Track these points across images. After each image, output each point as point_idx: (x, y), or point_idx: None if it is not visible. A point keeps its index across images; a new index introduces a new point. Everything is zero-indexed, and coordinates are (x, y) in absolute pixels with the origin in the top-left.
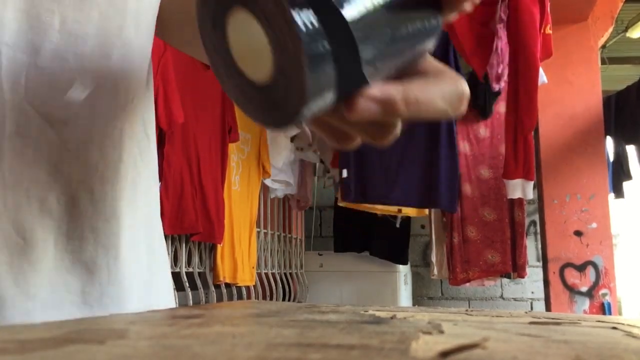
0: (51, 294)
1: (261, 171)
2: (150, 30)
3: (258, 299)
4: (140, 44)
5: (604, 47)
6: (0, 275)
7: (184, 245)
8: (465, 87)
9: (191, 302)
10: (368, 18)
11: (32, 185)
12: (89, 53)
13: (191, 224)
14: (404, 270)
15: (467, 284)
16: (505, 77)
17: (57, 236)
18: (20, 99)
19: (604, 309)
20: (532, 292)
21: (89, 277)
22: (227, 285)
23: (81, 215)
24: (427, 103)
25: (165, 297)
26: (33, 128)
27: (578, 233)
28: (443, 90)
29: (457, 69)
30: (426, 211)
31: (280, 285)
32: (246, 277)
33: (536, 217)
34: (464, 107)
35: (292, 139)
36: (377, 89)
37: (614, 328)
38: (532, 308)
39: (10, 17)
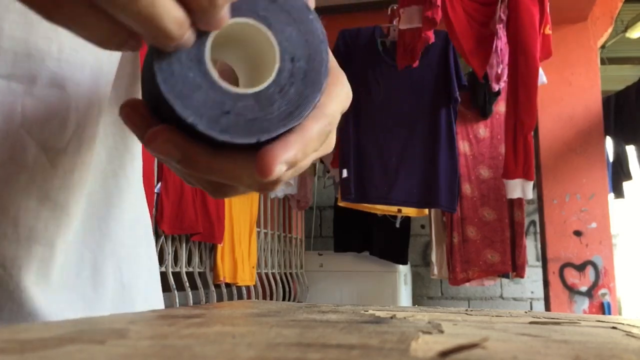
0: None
1: None
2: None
3: (258, 299)
4: (130, 71)
5: (603, 47)
6: None
7: (184, 245)
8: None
9: (191, 302)
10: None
11: (20, 214)
12: (85, 80)
13: (191, 224)
14: (403, 270)
15: (467, 284)
16: (504, 77)
17: (40, 264)
18: (17, 127)
19: (604, 308)
20: (532, 292)
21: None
22: (227, 285)
23: (71, 239)
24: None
25: (154, 300)
26: (29, 155)
27: (577, 233)
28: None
29: (457, 68)
30: (426, 211)
31: (280, 285)
32: (246, 277)
33: (536, 217)
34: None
35: None
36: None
37: (614, 328)
38: (531, 308)
39: (5, 47)
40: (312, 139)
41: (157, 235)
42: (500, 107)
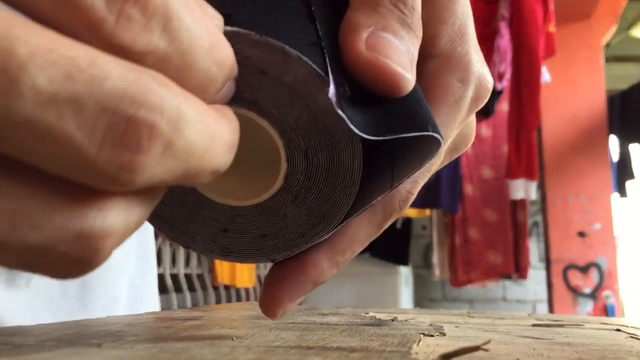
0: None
1: None
2: None
3: (257, 301)
4: None
5: (607, 45)
6: None
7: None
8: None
9: (189, 304)
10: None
11: None
12: None
13: None
14: (405, 272)
15: (469, 286)
16: (507, 76)
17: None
18: None
19: (608, 310)
20: (535, 294)
21: None
22: (226, 287)
23: None
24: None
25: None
26: None
27: (581, 234)
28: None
29: None
30: (427, 212)
31: None
32: (245, 279)
33: (539, 218)
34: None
35: None
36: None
37: (618, 330)
38: (535, 310)
39: None
40: (356, 239)
41: (155, 237)
42: (502, 106)
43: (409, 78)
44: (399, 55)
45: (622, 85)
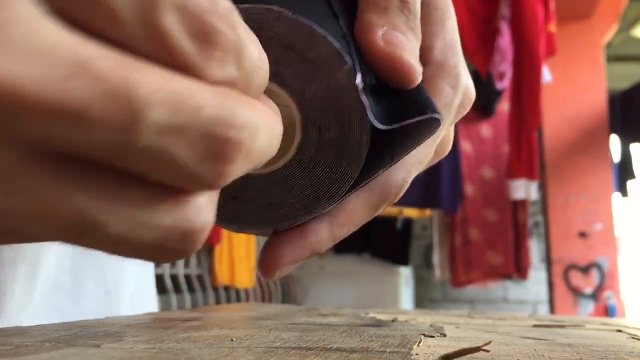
0: None
1: None
2: None
3: (257, 302)
4: None
5: (608, 45)
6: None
7: None
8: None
9: (189, 304)
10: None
11: None
12: None
13: None
14: (405, 272)
15: (470, 286)
16: (508, 76)
17: (23, 285)
18: None
19: (609, 311)
20: (536, 294)
21: None
22: (226, 288)
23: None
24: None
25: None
26: None
27: (582, 234)
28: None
29: None
30: (428, 212)
31: (280, 288)
32: (245, 280)
33: (539, 218)
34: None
35: None
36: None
37: (619, 331)
38: (535, 310)
39: None
40: (354, 216)
41: None
42: (503, 106)
43: (419, 70)
44: (410, 50)
45: (623, 85)
